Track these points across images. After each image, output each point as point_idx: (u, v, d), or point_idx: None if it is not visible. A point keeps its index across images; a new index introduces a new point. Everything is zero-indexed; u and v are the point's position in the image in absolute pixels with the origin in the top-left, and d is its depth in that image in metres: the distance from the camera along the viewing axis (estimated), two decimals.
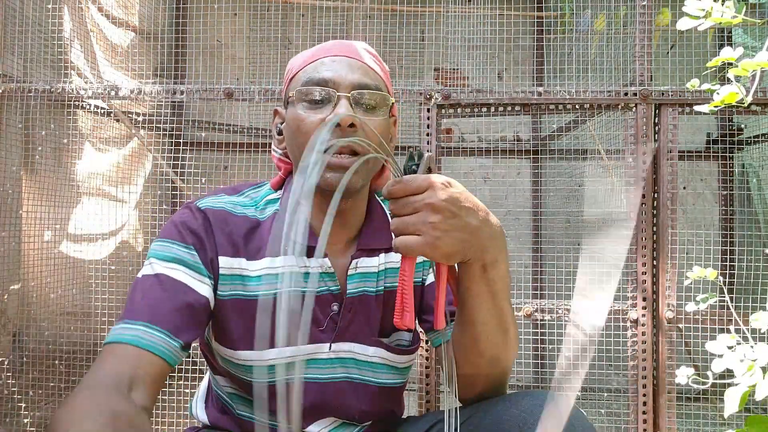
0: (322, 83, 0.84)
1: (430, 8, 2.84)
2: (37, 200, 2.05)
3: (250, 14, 2.93)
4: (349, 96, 0.84)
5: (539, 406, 0.78)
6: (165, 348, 0.77)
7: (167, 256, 0.83)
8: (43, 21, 2.06)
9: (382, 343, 0.94)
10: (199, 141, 2.95)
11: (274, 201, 0.93)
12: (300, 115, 0.85)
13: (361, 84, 0.85)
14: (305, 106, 0.85)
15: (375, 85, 0.87)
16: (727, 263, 2.53)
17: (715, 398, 2.38)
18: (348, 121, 0.80)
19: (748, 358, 0.95)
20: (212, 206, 0.88)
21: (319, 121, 0.83)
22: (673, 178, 1.77)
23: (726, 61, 0.82)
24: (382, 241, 0.94)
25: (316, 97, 0.85)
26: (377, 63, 0.92)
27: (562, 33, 2.77)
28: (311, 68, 0.87)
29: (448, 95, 1.83)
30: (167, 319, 0.78)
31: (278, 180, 0.96)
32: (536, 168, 3.09)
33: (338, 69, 0.85)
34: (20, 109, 1.98)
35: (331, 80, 0.84)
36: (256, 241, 0.88)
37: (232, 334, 0.87)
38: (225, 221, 0.87)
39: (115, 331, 0.77)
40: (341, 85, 0.84)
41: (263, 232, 0.89)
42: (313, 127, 0.82)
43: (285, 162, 0.97)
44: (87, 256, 2.27)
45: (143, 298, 0.80)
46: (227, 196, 0.91)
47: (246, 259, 0.87)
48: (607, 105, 1.84)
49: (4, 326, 1.93)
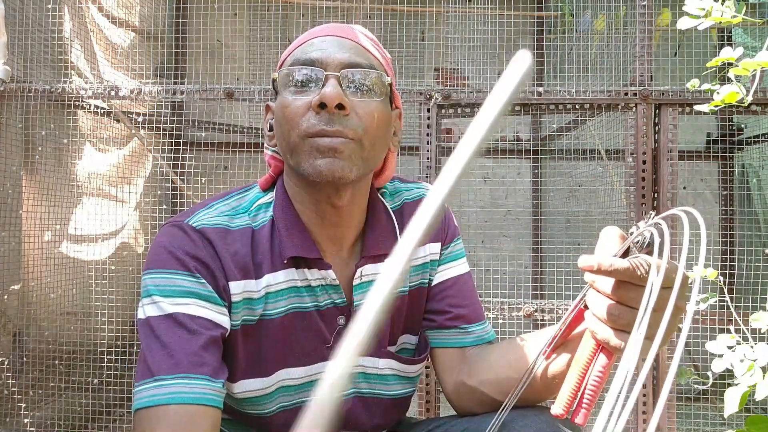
0: (308, 63, 0.74)
1: (430, 8, 2.84)
2: (37, 200, 2.05)
3: (250, 14, 2.93)
4: (339, 75, 0.73)
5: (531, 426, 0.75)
6: (212, 394, 0.69)
7: (174, 291, 0.72)
8: (43, 21, 2.06)
9: (393, 354, 0.88)
10: (199, 141, 2.95)
11: (267, 205, 0.82)
12: (286, 100, 0.75)
13: (353, 63, 0.74)
14: (292, 91, 0.75)
15: (369, 64, 0.76)
16: (727, 263, 2.53)
17: (715, 398, 2.38)
18: (335, 100, 0.70)
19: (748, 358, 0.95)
20: (208, 224, 0.76)
21: (305, 104, 0.73)
22: (673, 178, 1.77)
23: (726, 61, 0.83)
24: (387, 246, 0.84)
25: (301, 77, 0.74)
26: (376, 47, 0.81)
27: (562, 33, 2.77)
28: (299, 51, 0.77)
29: (448, 95, 1.83)
30: (200, 362, 0.69)
31: (267, 179, 0.86)
32: (536, 168, 3.10)
33: (327, 47, 0.75)
34: (20, 109, 1.98)
35: (318, 60, 0.74)
36: (258, 256, 0.78)
37: (237, 363, 0.78)
38: (226, 240, 0.76)
39: (145, 392, 0.67)
40: (330, 64, 0.74)
41: (260, 244, 0.79)
42: (299, 111, 0.73)
43: (277, 159, 0.86)
44: (87, 256, 2.27)
45: (164, 347, 0.69)
46: (217, 207, 0.80)
47: (254, 279, 0.78)
48: (607, 105, 1.84)
49: (4, 326, 1.93)
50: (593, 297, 0.58)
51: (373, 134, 0.75)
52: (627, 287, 0.55)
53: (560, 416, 0.61)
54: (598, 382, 0.59)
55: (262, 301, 0.78)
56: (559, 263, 2.15)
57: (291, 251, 0.78)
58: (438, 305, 0.90)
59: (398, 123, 0.86)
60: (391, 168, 0.89)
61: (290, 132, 0.74)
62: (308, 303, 0.81)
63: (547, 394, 0.75)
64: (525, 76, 0.19)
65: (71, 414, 2.08)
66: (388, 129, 0.80)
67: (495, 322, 1.81)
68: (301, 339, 0.81)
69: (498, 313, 1.80)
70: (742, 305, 1.96)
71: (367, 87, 0.75)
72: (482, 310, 0.93)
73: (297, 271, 0.80)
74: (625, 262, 0.54)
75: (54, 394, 2.06)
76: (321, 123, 0.72)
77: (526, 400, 0.76)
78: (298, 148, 0.74)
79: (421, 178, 1.84)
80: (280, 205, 0.81)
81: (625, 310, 0.55)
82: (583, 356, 0.60)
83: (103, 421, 2.15)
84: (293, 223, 0.80)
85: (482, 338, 0.90)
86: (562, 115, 2.51)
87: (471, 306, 0.91)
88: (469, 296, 0.92)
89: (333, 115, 0.72)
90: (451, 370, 0.88)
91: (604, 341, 0.57)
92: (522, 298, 1.93)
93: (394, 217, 0.89)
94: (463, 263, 0.94)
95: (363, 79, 0.75)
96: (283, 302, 0.79)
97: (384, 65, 0.81)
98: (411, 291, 0.89)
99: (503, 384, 0.79)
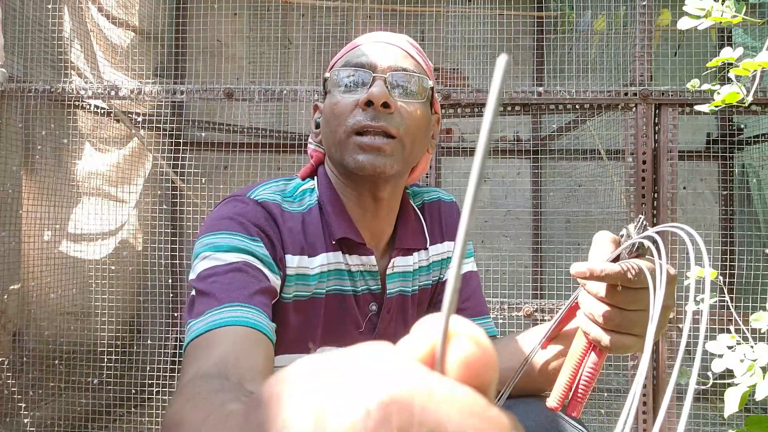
0: (358, 66, 0.80)
1: (430, 8, 2.84)
2: (37, 200, 2.05)
3: (250, 14, 2.93)
4: (386, 77, 0.79)
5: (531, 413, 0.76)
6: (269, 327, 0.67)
7: (234, 247, 0.72)
8: (43, 21, 2.06)
9: None
10: (199, 141, 2.95)
11: (311, 191, 0.86)
12: (335, 98, 0.81)
13: (399, 67, 0.80)
14: (341, 90, 0.81)
15: (413, 69, 0.82)
16: (727, 263, 2.53)
17: (715, 398, 2.38)
18: (381, 99, 0.76)
19: (748, 358, 0.95)
20: (268, 199, 0.80)
21: (353, 103, 0.79)
22: (673, 178, 1.77)
23: (726, 61, 0.82)
24: (417, 241, 0.91)
25: (350, 79, 0.81)
26: (420, 55, 0.87)
27: (562, 33, 2.77)
28: (350, 54, 0.83)
29: (448, 95, 1.83)
30: (261, 302, 0.68)
31: (308, 169, 0.90)
32: (536, 168, 3.10)
33: (376, 52, 0.81)
34: (20, 109, 1.98)
35: (367, 63, 0.80)
36: (309, 237, 0.82)
37: (283, 336, 0.79)
38: (283, 216, 0.80)
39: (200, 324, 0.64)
40: (377, 67, 0.80)
41: (311, 225, 0.83)
42: (348, 108, 0.78)
43: (318, 152, 0.91)
44: (87, 256, 2.27)
45: (222, 285, 0.68)
46: (270, 187, 0.84)
47: (307, 256, 0.81)
48: (607, 105, 1.84)
49: (4, 326, 1.93)
50: (585, 298, 0.61)
51: (414, 133, 0.80)
52: (617, 290, 0.58)
53: (555, 409, 0.64)
54: (590, 378, 0.62)
55: (315, 278, 0.81)
56: (559, 263, 2.15)
57: (340, 232, 0.82)
58: None
59: (436, 127, 0.91)
60: (424, 167, 0.94)
61: (338, 128, 0.79)
62: (348, 287, 0.84)
63: (546, 385, 0.77)
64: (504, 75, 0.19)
65: (71, 414, 2.08)
66: (427, 130, 0.85)
67: (495, 321, 1.80)
68: (338, 320, 0.84)
69: (498, 313, 1.80)
70: (742, 305, 1.96)
71: (410, 90, 0.81)
72: (485, 307, 0.97)
73: (342, 255, 0.84)
74: (616, 267, 0.57)
75: (54, 394, 2.06)
76: (367, 119, 0.77)
77: (525, 390, 0.78)
78: (343, 143, 0.79)
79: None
80: (325, 191, 0.85)
81: (616, 311, 0.58)
82: (576, 353, 0.64)
83: (103, 421, 2.15)
84: (340, 209, 0.84)
85: None
86: (562, 115, 2.51)
87: (474, 301, 0.95)
88: (473, 293, 0.95)
89: (378, 112, 0.77)
90: None
91: (596, 341, 0.60)
92: (522, 298, 1.93)
93: (420, 215, 0.95)
94: (471, 261, 0.99)
95: (407, 82, 0.81)
96: (329, 282, 0.83)
97: (427, 71, 0.86)
98: (421, 289, 0.93)
99: (503, 374, 0.80)
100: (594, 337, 0.60)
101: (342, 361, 0.18)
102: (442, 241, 0.96)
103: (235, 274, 0.69)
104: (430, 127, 0.87)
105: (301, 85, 2.06)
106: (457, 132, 3.16)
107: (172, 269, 2.50)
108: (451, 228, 0.98)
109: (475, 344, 0.19)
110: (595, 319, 0.60)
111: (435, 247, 0.95)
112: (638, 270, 0.57)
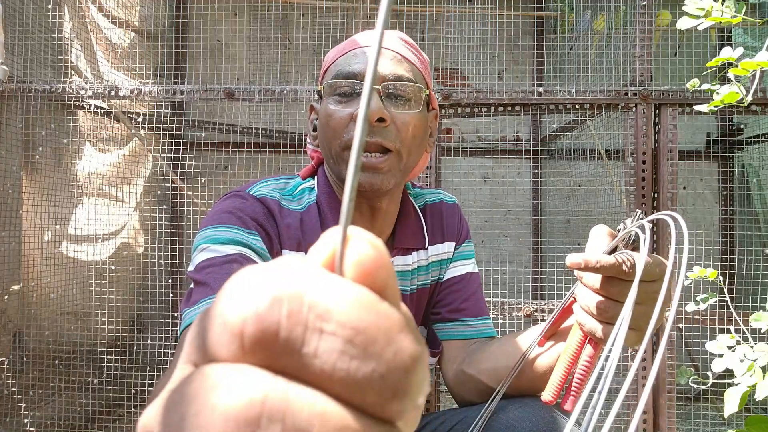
0: (351, 76, 0.80)
1: (430, 8, 2.84)
2: (37, 200, 2.05)
3: (250, 14, 2.93)
4: (379, 88, 0.79)
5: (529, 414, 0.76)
6: None
7: (231, 239, 0.74)
8: (43, 21, 2.06)
9: None
10: (199, 141, 2.95)
11: (310, 190, 0.87)
12: (329, 109, 0.81)
13: (392, 76, 0.80)
14: (335, 100, 0.81)
15: (407, 76, 0.81)
16: (727, 263, 2.53)
17: (715, 398, 2.37)
18: (375, 115, 0.76)
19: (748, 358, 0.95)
20: (267, 195, 0.82)
21: (347, 116, 0.79)
22: (673, 178, 1.77)
23: (726, 61, 0.82)
24: (416, 240, 0.91)
25: (344, 90, 0.80)
26: (414, 53, 0.86)
27: (562, 33, 2.77)
28: (342, 60, 0.83)
29: (448, 95, 1.83)
30: None
31: (309, 169, 0.91)
32: (536, 168, 3.10)
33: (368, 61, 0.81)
34: (20, 109, 1.98)
35: (360, 73, 0.79)
36: (307, 235, 0.83)
37: None
38: (281, 212, 0.82)
39: (193, 312, 0.67)
40: None
41: (308, 223, 0.83)
42: (342, 122, 0.78)
43: (318, 152, 0.91)
44: (87, 256, 2.27)
45: (218, 275, 0.69)
46: (270, 184, 0.85)
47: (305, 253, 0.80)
48: (607, 105, 1.84)
49: (4, 326, 1.93)
50: (582, 291, 0.62)
51: (410, 143, 0.80)
52: (613, 282, 0.59)
53: (549, 402, 0.64)
54: (585, 371, 0.63)
55: None
56: (559, 263, 2.15)
57: None
58: (444, 299, 0.95)
59: (434, 123, 0.91)
60: (423, 165, 0.94)
61: (333, 141, 0.80)
62: None
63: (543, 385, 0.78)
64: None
65: (71, 414, 2.08)
66: (425, 135, 0.86)
67: (495, 321, 1.81)
68: None
69: (498, 313, 1.80)
70: (742, 305, 1.96)
71: (406, 99, 0.80)
72: (485, 308, 0.97)
73: None
74: (610, 258, 0.58)
75: (54, 394, 2.06)
76: None
77: (520, 389, 0.78)
78: (339, 157, 0.80)
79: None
80: (323, 191, 0.86)
81: (611, 303, 0.59)
82: (572, 346, 0.64)
83: (103, 421, 2.15)
84: (338, 210, 0.84)
85: (483, 332, 0.93)
86: (562, 115, 2.51)
87: (473, 301, 0.95)
88: (473, 293, 0.96)
89: (373, 127, 0.77)
90: (452, 361, 0.92)
91: (591, 333, 0.61)
92: (522, 297, 1.93)
93: (421, 215, 0.95)
94: (471, 263, 0.99)
95: (402, 91, 0.80)
96: None
97: (422, 70, 0.86)
98: (420, 288, 0.93)
99: (500, 372, 0.81)
100: (589, 329, 0.61)
101: (255, 276, 0.19)
102: (442, 241, 0.96)
103: (232, 265, 0.71)
104: (428, 129, 0.87)
105: (301, 85, 2.06)
106: (457, 132, 3.16)
107: (172, 269, 2.50)
108: (451, 229, 0.98)
109: (371, 246, 0.20)
110: (590, 311, 0.61)
111: (435, 247, 0.95)
112: (633, 262, 0.57)
